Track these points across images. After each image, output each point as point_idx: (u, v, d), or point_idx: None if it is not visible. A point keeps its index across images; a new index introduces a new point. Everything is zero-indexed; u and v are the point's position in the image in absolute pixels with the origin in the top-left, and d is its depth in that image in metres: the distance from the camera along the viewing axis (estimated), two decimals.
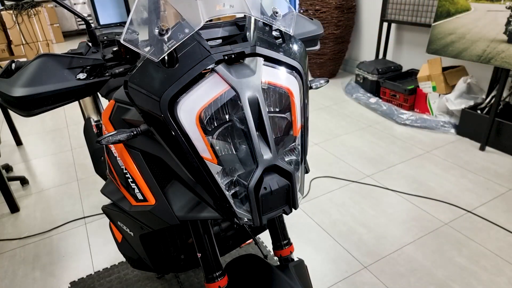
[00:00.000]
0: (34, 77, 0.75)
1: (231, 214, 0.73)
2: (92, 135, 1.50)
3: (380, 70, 3.43)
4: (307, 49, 0.85)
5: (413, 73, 3.45)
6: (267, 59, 0.73)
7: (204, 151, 0.69)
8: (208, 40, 0.76)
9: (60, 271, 1.79)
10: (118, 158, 0.87)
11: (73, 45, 6.96)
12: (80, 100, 1.60)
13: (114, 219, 1.05)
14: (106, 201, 0.97)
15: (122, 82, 0.73)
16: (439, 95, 2.96)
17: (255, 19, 0.75)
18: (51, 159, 2.89)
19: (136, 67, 0.70)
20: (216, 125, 0.70)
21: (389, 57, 3.76)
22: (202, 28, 0.68)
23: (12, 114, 3.02)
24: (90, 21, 0.93)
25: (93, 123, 1.53)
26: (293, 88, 0.75)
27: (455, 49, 2.62)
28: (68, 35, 7.48)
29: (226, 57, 0.69)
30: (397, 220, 1.97)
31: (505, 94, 2.68)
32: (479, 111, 2.68)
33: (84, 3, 7.34)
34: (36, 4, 5.82)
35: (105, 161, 0.96)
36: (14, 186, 2.49)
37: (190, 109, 0.67)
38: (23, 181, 2.52)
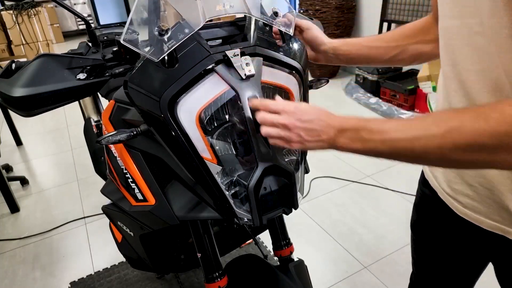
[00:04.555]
0: (34, 77, 0.75)
1: (231, 214, 0.73)
2: (92, 135, 1.50)
3: (380, 70, 3.42)
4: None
5: (413, 73, 3.45)
6: (267, 59, 0.73)
7: (204, 151, 0.69)
8: (208, 40, 0.76)
9: (60, 271, 1.79)
10: (118, 158, 0.87)
11: (73, 45, 6.96)
12: (80, 100, 1.59)
13: (114, 219, 1.05)
14: (106, 201, 0.97)
15: (122, 82, 0.73)
16: None
17: (255, 19, 0.75)
18: (51, 159, 2.89)
19: (136, 67, 0.70)
20: (216, 125, 0.70)
21: None
22: (202, 28, 0.68)
23: (12, 114, 3.02)
24: (90, 21, 0.92)
25: (93, 123, 1.53)
26: (293, 88, 0.75)
27: None
28: (68, 35, 7.48)
29: (226, 57, 0.69)
30: (397, 220, 1.97)
31: None
32: None
33: (84, 3, 7.33)
34: (36, 4, 5.82)
35: (105, 161, 0.96)
36: (14, 186, 2.49)
37: (190, 109, 0.66)
38: (23, 181, 2.52)
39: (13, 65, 0.80)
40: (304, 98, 0.79)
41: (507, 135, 0.43)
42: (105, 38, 0.97)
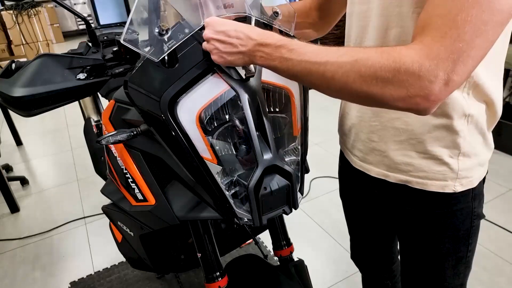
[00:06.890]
0: (34, 77, 0.75)
1: (231, 214, 0.73)
2: (92, 135, 1.50)
3: None
4: None
5: None
6: None
7: (204, 151, 0.69)
8: None
9: (60, 271, 1.79)
10: (118, 158, 0.87)
11: (73, 45, 6.95)
12: (80, 100, 1.59)
13: (114, 219, 1.05)
14: (106, 201, 0.97)
15: (122, 82, 0.73)
16: None
17: (255, 19, 0.75)
18: (51, 159, 2.89)
19: (136, 67, 0.70)
20: (216, 125, 0.70)
21: None
22: (202, 28, 0.68)
23: (12, 114, 3.02)
24: (90, 21, 0.93)
25: (93, 123, 1.53)
26: (293, 87, 0.76)
27: None
28: (68, 35, 7.48)
29: None
30: None
31: (505, 94, 2.68)
32: None
33: (84, 3, 7.34)
34: (36, 4, 5.82)
35: (105, 161, 0.96)
36: (14, 186, 2.49)
37: (190, 109, 0.67)
38: (23, 181, 2.52)
39: (13, 65, 0.80)
40: (304, 97, 0.79)
41: (398, 71, 0.50)
42: (105, 38, 0.98)
